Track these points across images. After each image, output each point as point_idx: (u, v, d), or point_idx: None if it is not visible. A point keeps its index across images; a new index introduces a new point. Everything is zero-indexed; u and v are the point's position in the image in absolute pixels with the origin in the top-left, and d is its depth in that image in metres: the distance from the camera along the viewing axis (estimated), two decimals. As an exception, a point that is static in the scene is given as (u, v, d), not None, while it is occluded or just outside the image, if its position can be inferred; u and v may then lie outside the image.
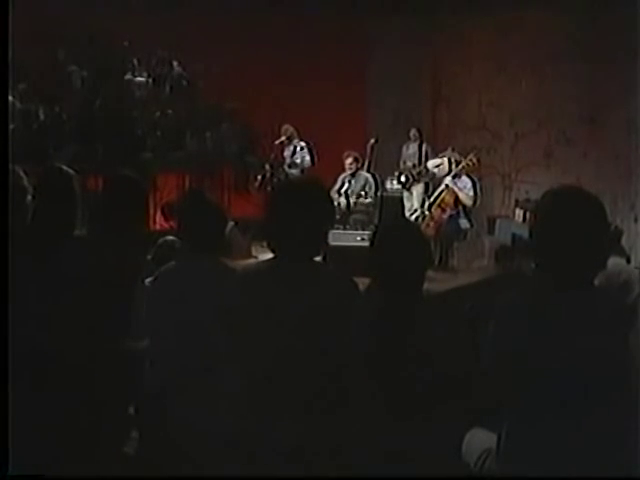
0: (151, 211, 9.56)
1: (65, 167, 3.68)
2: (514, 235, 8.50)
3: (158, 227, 9.57)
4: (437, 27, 10.63)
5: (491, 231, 9.20)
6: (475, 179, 8.28)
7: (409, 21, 10.58)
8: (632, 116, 8.86)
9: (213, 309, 2.68)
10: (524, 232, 8.37)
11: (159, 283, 3.13)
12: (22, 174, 3.90)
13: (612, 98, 9.32)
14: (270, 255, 2.58)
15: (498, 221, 9.17)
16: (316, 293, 2.48)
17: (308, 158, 9.46)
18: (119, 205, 3.40)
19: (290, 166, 9.46)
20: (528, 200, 9.13)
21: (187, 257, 3.23)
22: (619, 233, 6.39)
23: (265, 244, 2.59)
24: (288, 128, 9.56)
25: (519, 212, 8.89)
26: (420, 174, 9.06)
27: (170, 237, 4.52)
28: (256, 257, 7.68)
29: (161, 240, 4.53)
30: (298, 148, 9.50)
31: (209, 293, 2.75)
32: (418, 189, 9.11)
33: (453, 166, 8.27)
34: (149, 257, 4.46)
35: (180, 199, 3.57)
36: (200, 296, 2.90)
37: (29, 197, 3.84)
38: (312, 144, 9.60)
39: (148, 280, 4.12)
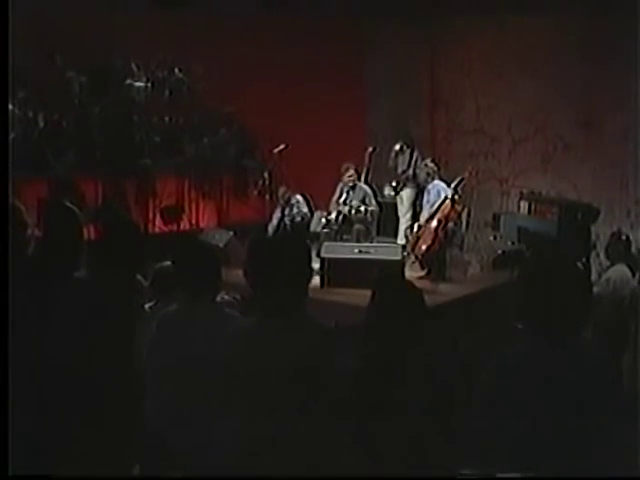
0: (150, 215, 9.68)
1: (69, 204, 3.78)
2: (519, 228, 8.55)
3: (158, 230, 9.66)
4: (435, 32, 10.63)
5: (496, 227, 9.23)
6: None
7: (407, 26, 10.57)
8: (630, 122, 8.86)
9: (206, 358, 2.78)
10: (530, 225, 8.44)
11: (159, 329, 3.18)
12: (21, 207, 3.97)
13: (610, 104, 9.31)
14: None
15: (503, 217, 9.20)
16: (300, 348, 2.61)
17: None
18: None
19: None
20: (532, 192, 9.19)
21: (186, 301, 3.27)
22: (628, 243, 6.41)
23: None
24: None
25: (524, 204, 8.89)
26: (408, 179, 9.19)
27: (167, 263, 4.55)
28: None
29: (158, 266, 4.54)
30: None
31: (203, 342, 2.83)
32: (407, 193, 9.23)
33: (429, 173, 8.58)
34: (147, 283, 4.50)
35: (177, 247, 3.59)
36: (195, 345, 2.96)
37: (29, 231, 3.92)
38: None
39: (148, 305, 4.20)
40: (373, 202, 8.92)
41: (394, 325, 2.67)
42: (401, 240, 8.86)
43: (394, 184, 9.31)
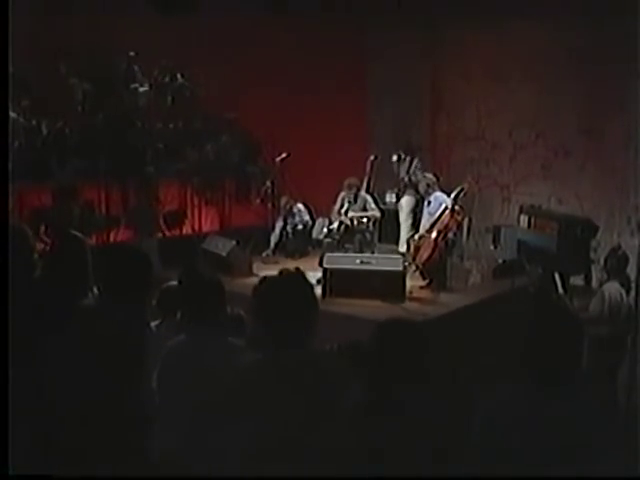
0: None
1: (78, 233, 3.84)
2: (519, 242, 8.60)
3: (160, 235, 9.71)
4: (436, 38, 10.66)
5: (496, 240, 9.29)
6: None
7: (409, 32, 10.60)
8: (630, 129, 8.91)
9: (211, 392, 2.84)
10: (530, 238, 8.48)
11: (165, 361, 3.23)
12: (28, 231, 4.03)
13: (610, 111, 9.35)
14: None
15: (503, 229, 9.27)
16: (309, 382, 2.69)
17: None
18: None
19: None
20: (532, 206, 9.23)
21: (193, 333, 3.32)
22: (625, 260, 6.42)
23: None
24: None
25: (524, 218, 8.95)
26: (407, 186, 9.24)
27: (173, 283, 4.60)
28: (257, 275, 7.77)
29: (165, 286, 4.61)
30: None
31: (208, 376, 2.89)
32: (407, 201, 9.26)
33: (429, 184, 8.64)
34: (154, 302, 4.56)
35: (180, 278, 3.63)
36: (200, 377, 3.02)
37: (36, 255, 3.98)
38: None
39: (154, 324, 4.26)
40: (373, 206, 8.96)
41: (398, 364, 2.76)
42: (402, 247, 8.92)
43: (395, 191, 9.38)
